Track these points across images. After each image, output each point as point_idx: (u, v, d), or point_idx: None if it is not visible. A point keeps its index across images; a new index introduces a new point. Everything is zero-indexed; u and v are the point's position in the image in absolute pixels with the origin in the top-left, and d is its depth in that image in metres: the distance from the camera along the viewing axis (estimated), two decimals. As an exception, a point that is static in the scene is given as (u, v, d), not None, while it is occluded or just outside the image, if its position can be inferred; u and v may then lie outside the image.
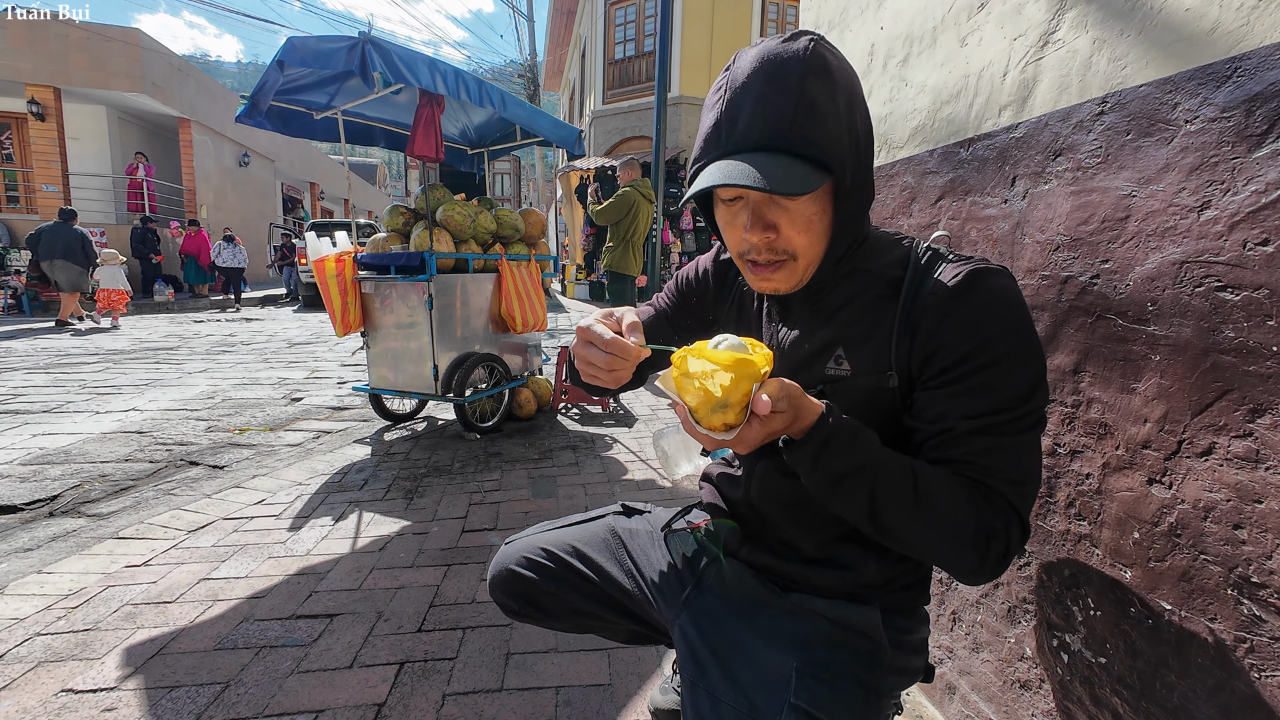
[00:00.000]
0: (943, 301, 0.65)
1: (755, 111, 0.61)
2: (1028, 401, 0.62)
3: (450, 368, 3.06)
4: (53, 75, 10.77)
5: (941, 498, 0.61)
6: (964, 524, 0.60)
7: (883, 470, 0.61)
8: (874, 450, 0.62)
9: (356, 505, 2.28)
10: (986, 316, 0.63)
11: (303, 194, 20.46)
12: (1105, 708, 0.83)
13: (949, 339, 0.64)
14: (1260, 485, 0.64)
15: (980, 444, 0.62)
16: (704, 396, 0.59)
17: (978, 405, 0.62)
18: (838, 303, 0.73)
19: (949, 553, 0.62)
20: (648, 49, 12.28)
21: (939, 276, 0.66)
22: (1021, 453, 0.63)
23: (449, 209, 3.14)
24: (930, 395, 0.65)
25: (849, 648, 0.70)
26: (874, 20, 1.35)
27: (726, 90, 0.64)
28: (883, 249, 0.73)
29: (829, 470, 0.62)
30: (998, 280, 0.64)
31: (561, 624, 0.98)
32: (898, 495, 0.61)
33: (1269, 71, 0.63)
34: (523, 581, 0.93)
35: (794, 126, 0.61)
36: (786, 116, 0.61)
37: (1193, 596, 0.71)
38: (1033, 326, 0.64)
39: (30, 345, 6.31)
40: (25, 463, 2.77)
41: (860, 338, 0.70)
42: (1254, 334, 0.65)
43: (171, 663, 1.35)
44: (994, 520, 0.61)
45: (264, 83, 2.65)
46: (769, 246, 0.67)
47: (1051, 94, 0.90)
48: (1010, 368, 0.62)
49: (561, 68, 21.03)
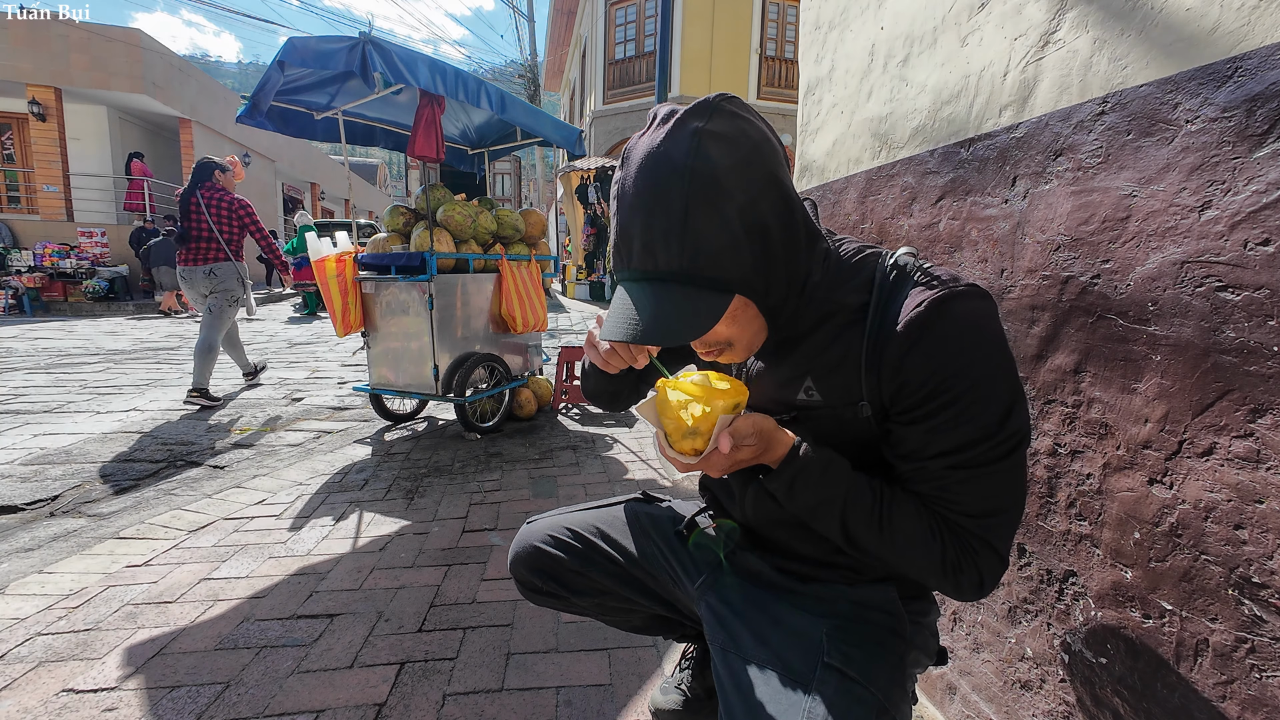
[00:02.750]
0: (906, 334, 0.62)
1: (644, 241, 0.59)
2: (1001, 429, 0.60)
3: (451, 368, 3.06)
4: (54, 75, 10.78)
5: (905, 530, 0.64)
6: (929, 556, 0.63)
7: (851, 502, 0.65)
8: (843, 482, 0.65)
9: (357, 505, 2.28)
10: (952, 348, 0.61)
11: (303, 194, 20.47)
12: (1106, 708, 0.83)
13: (914, 374, 0.62)
14: (1261, 485, 0.64)
15: (951, 479, 0.62)
16: (677, 423, 0.66)
17: (951, 440, 0.61)
18: (803, 331, 0.71)
19: (922, 577, 0.65)
20: (648, 49, 12.29)
21: (904, 305, 0.63)
22: (994, 483, 0.62)
23: (449, 209, 3.14)
24: (902, 430, 0.65)
25: (872, 622, 0.73)
26: (874, 20, 1.35)
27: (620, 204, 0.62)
28: (844, 274, 0.69)
29: (801, 501, 0.67)
30: (963, 305, 0.62)
31: (582, 604, 0.98)
32: (866, 525, 0.65)
33: (1270, 71, 0.63)
34: (548, 558, 0.93)
35: (682, 259, 0.58)
36: (674, 251, 0.58)
37: (1193, 597, 0.71)
38: (1003, 349, 0.62)
39: (31, 345, 6.31)
40: (26, 462, 2.77)
41: (829, 368, 0.69)
42: (1255, 334, 0.64)
43: (172, 663, 1.35)
44: (959, 554, 0.63)
45: (264, 83, 2.65)
46: (703, 344, 0.69)
47: (1052, 94, 0.90)
48: (979, 398, 0.60)
49: (562, 68, 21.04)
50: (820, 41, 1.60)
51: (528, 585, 0.97)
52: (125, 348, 6.33)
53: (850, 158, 1.48)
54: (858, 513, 0.65)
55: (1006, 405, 0.61)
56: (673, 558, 0.91)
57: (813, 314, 0.70)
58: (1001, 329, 0.65)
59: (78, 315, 9.78)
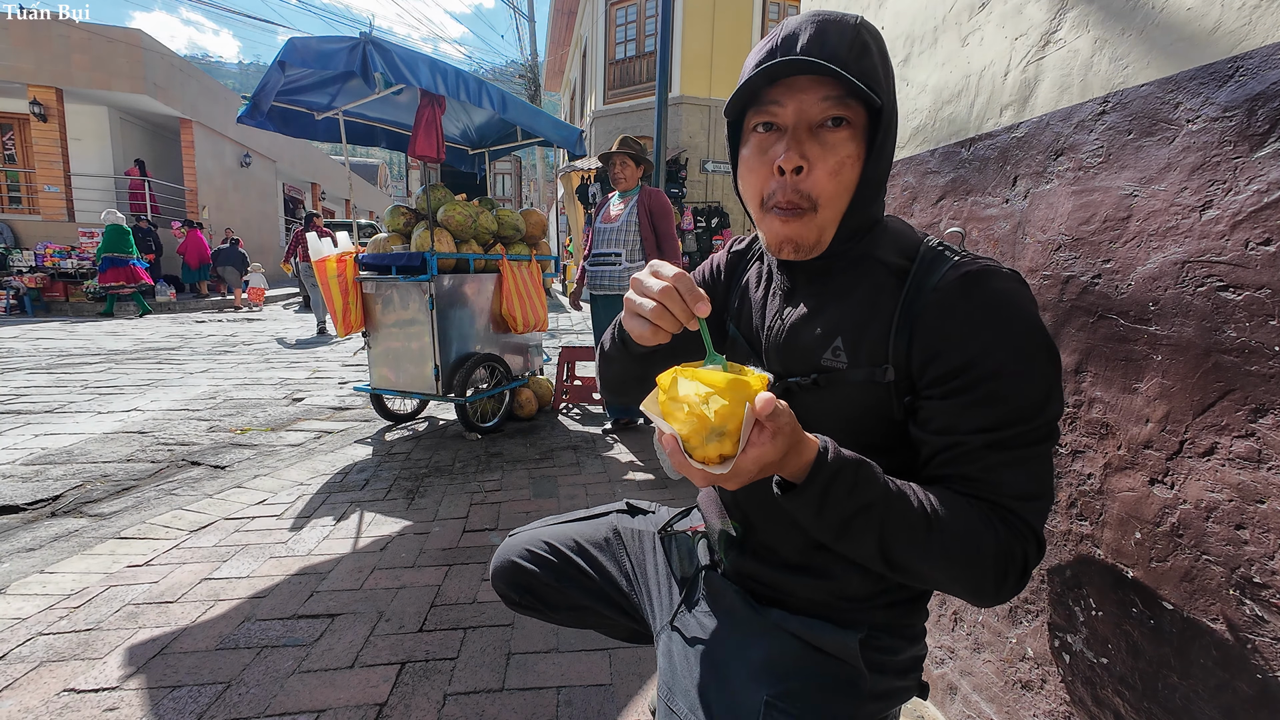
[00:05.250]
0: (945, 300, 0.62)
1: (813, 36, 0.62)
2: (1042, 411, 0.59)
3: (451, 368, 3.06)
4: (55, 76, 10.80)
5: (955, 525, 0.58)
6: (982, 551, 0.57)
7: (892, 506, 0.57)
8: (879, 485, 0.58)
9: (358, 505, 2.28)
10: (992, 319, 0.60)
11: (304, 194, 20.48)
12: (1107, 708, 0.82)
13: (951, 342, 0.61)
14: (1262, 485, 0.64)
15: (993, 459, 0.59)
16: (697, 423, 0.52)
17: (988, 417, 0.59)
18: (843, 289, 0.71)
19: (967, 581, 0.59)
20: (648, 49, 12.28)
21: (945, 273, 0.64)
22: (1036, 466, 0.60)
23: (450, 209, 3.14)
24: (936, 405, 0.63)
25: (821, 674, 0.68)
26: (875, 20, 1.35)
27: (781, 31, 0.64)
28: (894, 238, 0.71)
29: (836, 514, 0.57)
30: (1005, 283, 0.61)
31: (561, 617, 0.98)
32: (910, 530, 0.57)
33: (1271, 71, 0.62)
34: (524, 573, 0.93)
35: (850, 55, 0.61)
36: (844, 46, 0.61)
37: (1195, 597, 0.71)
38: (1044, 330, 0.61)
39: (33, 345, 6.32)
40: (27, 463, 2.77)
41: (859, 328, 0.68)
42: (1256, 334, 0.64)
43: (173, 662, 1.35)
44: (1012, 542, 0.58)
45: (265, 83, 2.65)
46: (795, 187, 0.64)
47: (1053, 94, 0.90)
48: (1021, 375, 0.59)
49: (562, 68, 21.04)
50: (821, 41, 1.60)
51: (506, 598, 0.97)
52: (126, 348, 6.34)
53: (851, 157, 1.48)
54: (900, 516, 0.57)
55: (1047, 389, 0.60)
56: (643, 580, 0.89)
57: (859, 269, 0.71)
58: (1036, 307, 0.63)
59: (78, 315, 9.79)
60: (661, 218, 3.02)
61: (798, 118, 0.64)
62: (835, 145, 0.63)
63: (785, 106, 0.64)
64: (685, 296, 0.60)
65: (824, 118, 0.63)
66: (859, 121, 0.64)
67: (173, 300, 11.21)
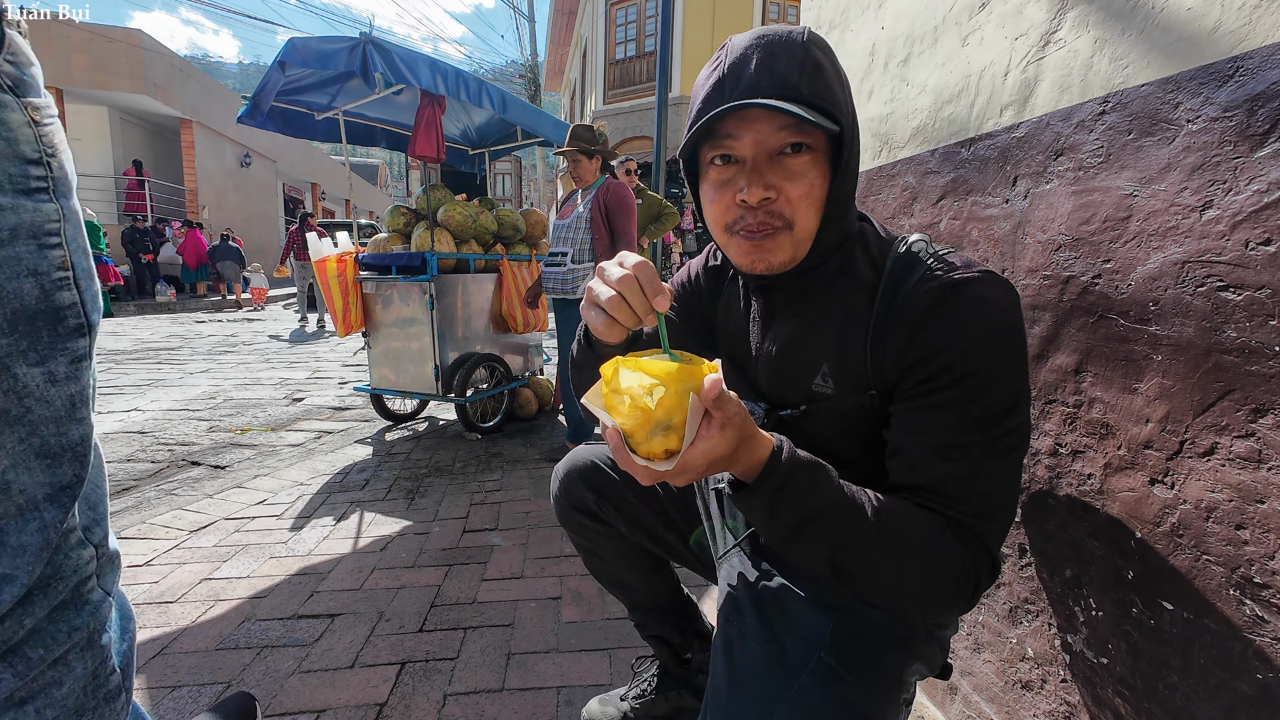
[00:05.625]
0: (914, 316, 0.61)
1: (762, 66, 0.60)
2: (1004, 420, 0.58)
3: (451, 368, 3.06)
4: (55, 76, 10.79)
5: (910, 539, 0.56)
6: (935, 568, 0.56)
7: (847, 513, 0.55)
8: (834, 490, 0.56)
9: (358, 505, 2.28)
10: (959, 329, 0.59)
11: (304, 194, 20.49)
12: (1107, 709, 0.82)
13: (919, 355, 0.60)
14: (1263, 485, 0.64)
15: (950, 469, 0.58)
16: (641, 416, 0.48)
17: (947, 422, 0.58)
18: (822, 310, 0.70)
19: (916, 598, 0.58)
20: (648, 49, 12.29)
21: (912, 287, 0.63)
22: (996, 479, 0.58)
23: (450, 209, 3.14)
24: (901, 411, 0.62)
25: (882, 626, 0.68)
26: (875, 20, 1.35)
27: (726, 57, 0.63)
28: (865, 250, 0.71)
29: (789, 517, 0.55)
30: (975, 289, 0.60)
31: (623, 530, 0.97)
32: (863, 539, 0.55)
33: (1271, 71, 0.63)
34: (604, 476, 0.94)
35: (802, 80, 0.60)
36: (794, 72, 0.60)
37: (1195, 597, 0.71)
38: (1014, 337, 0.60)
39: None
40: (27, 463, 2.77)
41: (843, 351, 0.68)
42: (1256, 334, 0.64)
43: (173, 662, 1.35)
44: (965, 562, 0.56)
45: (265, 83, 2.65)
46: (767, 210, 0.63)
47: (1053, 94, 0.90)
48: (985, 383, 0.58)
49: (562, 68, 21.05)
50: (821, 41, 1.60)
51: (576, 502, 0.97)
52: (126, 348, 6.34)
53: (851, 158, 1.48)
54: (853, 525, 0.55)
55: (1013, 397, 0.59)
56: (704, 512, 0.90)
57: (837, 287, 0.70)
58: (1016, 317, 0.61)
59: (79, 315, 9.76)
60: (618, 214, 2.63)
61: (756, 149, 0.62)
62: (799, 170, 0.62)
63: (741, 139, 0.62)
64: (645, 287, 0.56)
65: (782, 146, 0.62)
66: (820, 144, 0.63)
67: (173, 300, 11.21)
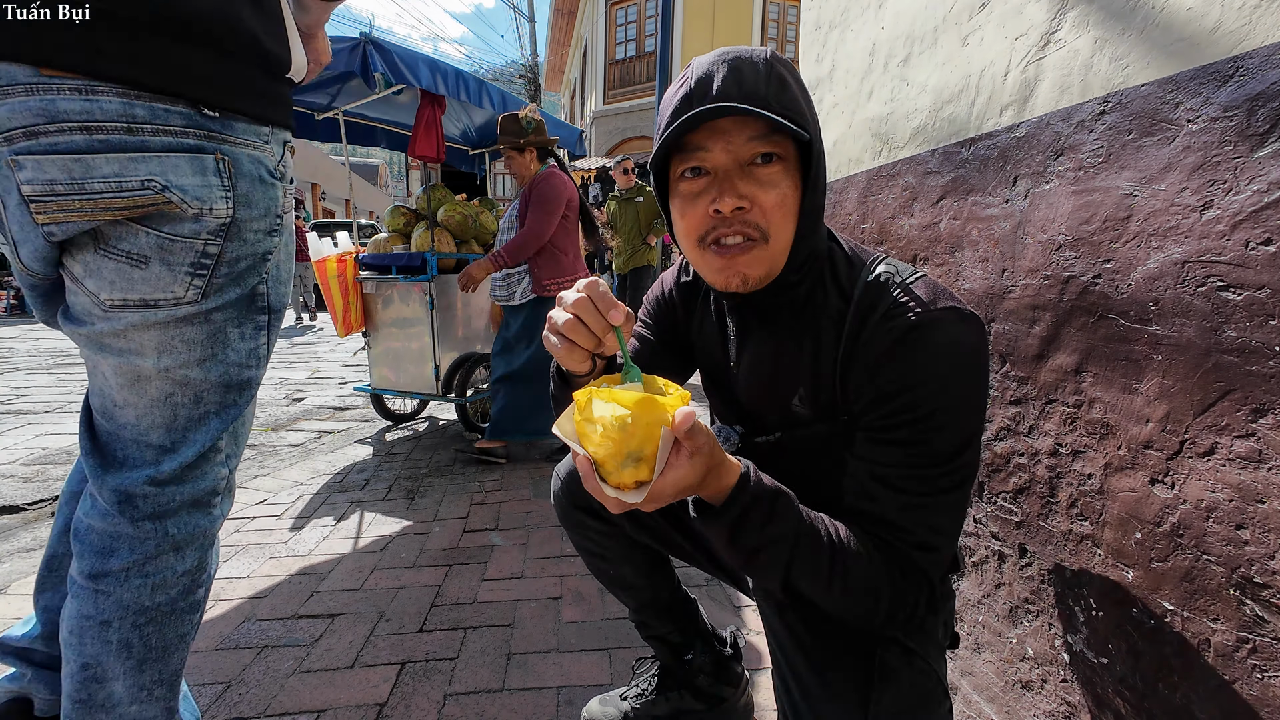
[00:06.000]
0: (875, 354, 0.62)
1: (729, 79, 0.61)
2: (955, 458, 0.60)
3: (451, 368, 3.06)
4: (55, 76, 10.77)
5: (857, 568, 0.59)
6: (878, 596, 0.60)
7: (802, 542, 0.58)
8: (794, 518, 0.58)
9: (358, 505, 2.28)
10: (919, 373, 0.60)
11: (304, 194, 20.48)
12: (1108, 708, 0.82)
13: (879, 393, 0.62)
14: (1263, 485, 0.64)
15: (899, 501, 0.60)
16: (613, 446, 0.49)
17: (899, 457, 0.61)
18: (795, 333, 0.71)
19: (856, 618, 0.62)
20: (648, 49, 12.30)
21: (877, 322, 0.63)
22: (940, 513, 0.61)
23: (450, 209, 3.14)
24: (861, 438, 0.64)
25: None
26: (875, 20, 1.35)
27: (692, 75, 0.63)
28: (835, 272, 0.70)
29: (748, 542, 0.57)
30: (940, 331, 0.60)
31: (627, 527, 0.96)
32: (815, 567, 0.58)
33: (1271, 71, 0.62)
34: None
35: (770, 89, 0.60)
36: (761, 83, 0.61)
37: (1195, 597, 0.71)
38: (975, 380, 0.61)
39: (33, 346, 6.33)
40: (28, 463, 2.77)
41: (816, 377, 0.69)
42: (1256, 334, 0.64)
43: (173, 662, 1.35)
44: (906, 591, 0.61)
45: (265, 83, 2.65)
46: (742, 219, 0.62)
47: (1053, 94, 0.90)
48: (940, 424, 0.60)
49: (562, 68, 21.05)
50: (821, 41, 1.60)
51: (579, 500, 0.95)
52: (126, 348, 6.33)
53: (851, 157, 1.48)
54: (808, 555, 0.58)
55: (962, 440, 0.60)
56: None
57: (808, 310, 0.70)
58: (978, 356, 0.62)
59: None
60: (535, 205, 2.39)
61: (727, 159, 0.62)
62: (771, 180, 0.62)
63: (712, 150, 0.62)
64: (598, 303, 0.56)
65: (753, 156, 0.62)
66: (789, 155, 0.63)
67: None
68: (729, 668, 1.11)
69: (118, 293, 0.71)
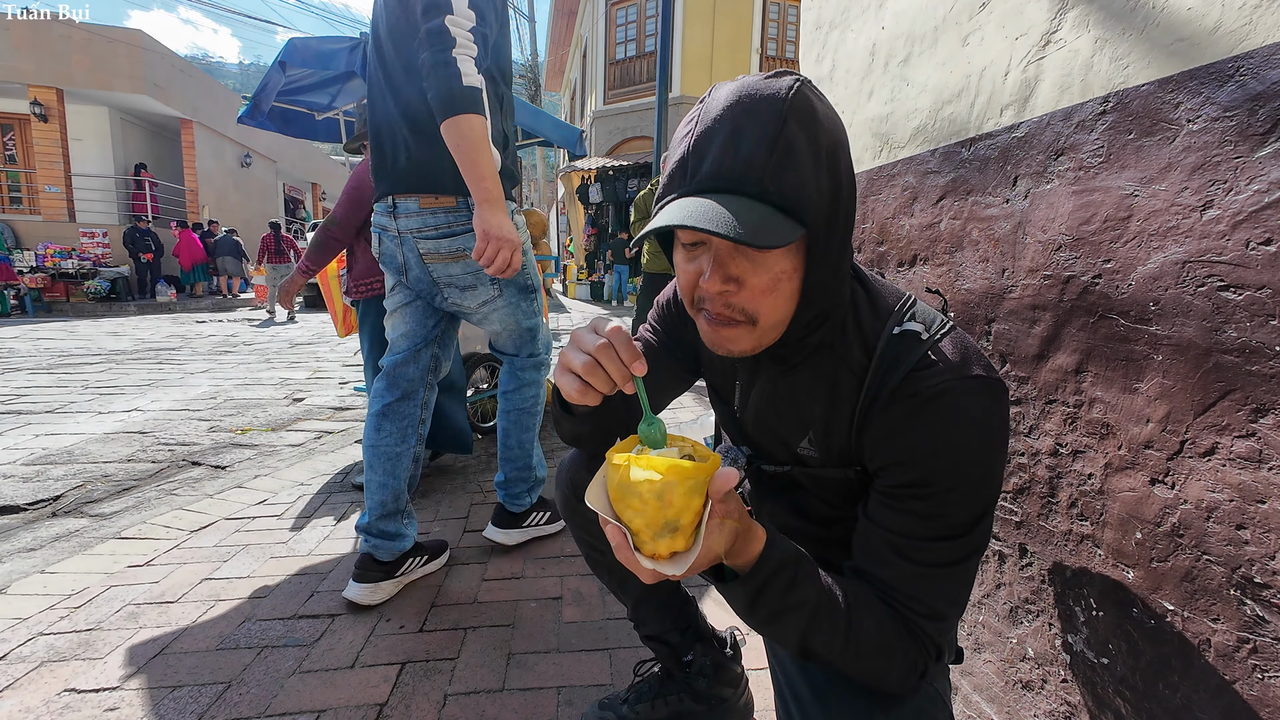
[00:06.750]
0: (896, 420, 0.61)
1: (725, 149, 0.54)
2: (969, 531, 0.60)
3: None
4: (55, 76, 10.81)
5: (871, 634, 0.60)
6: (890, 661, 0.60)
7: (820, 609, 0.59)
8: (813, 587, 0.59)
9: (358, 505, 2.28)
10: (939, 446, 0.59)
11: (304, 194, 20.50)
12: (1108, 709, 0.82)
13: (897, 460, 0.61)
14: (1263, 485, 0.64)
15: (909, 569, 0.61)
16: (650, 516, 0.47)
17: (913, 526, 0.60)
18: (807, 380, 0.69)
19: (868, 680, 0.63)
20: (649, 49, 12.29)
21: (900, 384, 0.61)
22: (950, 583, 0.62)
23: (450, 209, 3.14)
24: (875, 498, 0.64)
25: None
26: (875, 20, 1.35)
27: (697, 124, 0.57)
28: (858, 324, 0.66)
29: (768, 609, 0.58)
30: (964, 404, 0.58)
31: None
32: (831, 633, 0.59)
33: (1271, 70, 0.62)
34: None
35: (767, 169, 0.53)
36: (760, 157, 0.53)
37: (1195, 597, 0.71)
38: (994, 455, 0.61)
39: (33, 346, 6.33)
40: (28, 463, 2.77)
41: (827, 424, 0.68)
42: (1257, 334, 0.64)
43: (174, 662, 1.35)
44: (915, 657, 0.61)
45: (266, 84, 2.66)
46: (726, 302, 0.59)
47: (1053, 94, 0.90)
48: (956, 499, 0.59)
49: (563, 68, 21.05)
50: (821, 41, 1.60)
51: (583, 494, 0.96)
52: (127, 348, 6.35)
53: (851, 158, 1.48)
54: (823, 623, 0.59)
55: (977, 516, 0.61)
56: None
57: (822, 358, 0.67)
58: (1002, 428, 0.61)
59: (79, 316, 9.80)
60: (342, 195, 2.24)
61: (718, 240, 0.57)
62: (766, 262, 0.57)
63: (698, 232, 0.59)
64: (621, 353, 0.56)
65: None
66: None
67: (173, 300, 11.22)
68: (728, 668, 1.11)
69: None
